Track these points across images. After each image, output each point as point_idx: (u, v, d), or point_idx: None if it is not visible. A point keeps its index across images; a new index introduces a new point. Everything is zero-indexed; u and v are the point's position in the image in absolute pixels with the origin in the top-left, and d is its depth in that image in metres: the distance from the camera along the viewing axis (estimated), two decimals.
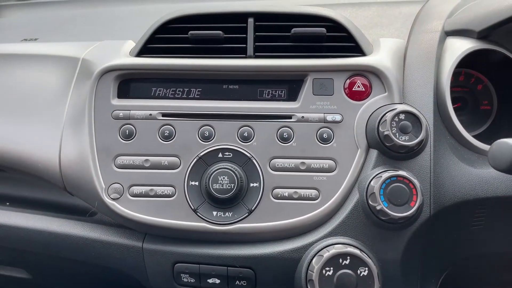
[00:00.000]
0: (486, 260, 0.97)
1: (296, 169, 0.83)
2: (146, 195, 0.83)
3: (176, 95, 0.89)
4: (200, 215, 0.82)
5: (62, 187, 0.90)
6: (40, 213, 0.95)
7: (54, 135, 0.91)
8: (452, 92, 0.92)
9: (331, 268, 0.75)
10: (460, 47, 0.93)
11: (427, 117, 0.86)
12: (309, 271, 0.76)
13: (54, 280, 1.14)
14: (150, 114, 0.87)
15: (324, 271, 0.74)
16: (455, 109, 0.92)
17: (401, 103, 0.86)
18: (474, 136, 0.91)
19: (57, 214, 0.95)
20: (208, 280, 0.84)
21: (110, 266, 0.90)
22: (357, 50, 0.90)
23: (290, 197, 0.82)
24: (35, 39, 1.23)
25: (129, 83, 0.90)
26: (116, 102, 0.88)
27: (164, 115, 0.87)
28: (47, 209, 0.97)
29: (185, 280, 0.85)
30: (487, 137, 0.94)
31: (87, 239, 0.89)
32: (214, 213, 0.82)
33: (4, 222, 0.93)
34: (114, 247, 0.87)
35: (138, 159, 0.85)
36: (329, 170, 0.83)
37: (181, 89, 0.89)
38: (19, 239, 0.92)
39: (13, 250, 0.96)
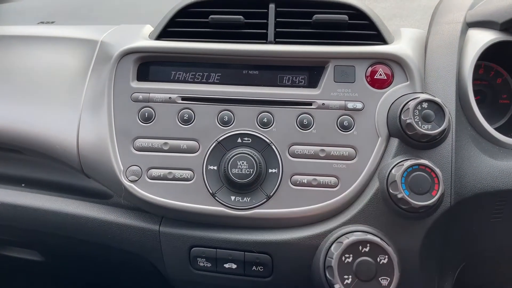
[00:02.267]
0: (504, 254, 0.97)
1: (315, 156, 0.83)
2: (164, 178, 0.83)
3: (195, 79, 0.88)
4: (218, 200, 0.81)
5: (79, 170, 0.90)
6: (56, 194, 0.95)
7: (72, 117, 0.90)
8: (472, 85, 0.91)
9: (351, 255, 0.74)
10: (482, 38, 0.92)
11: (449, 107, 0.85)
12: (327, 258, 0.76)
13: (66, 262, 1.14)
14: (170, 98, 0.86)
15: (343, 258, 0.74)
16: (475, 102, 0.91)
17: (423, 93, 0.85)
18: (495, 129, 0.90)
19: (74, 196, 0.95)
20: (224, 265, 0.83)
21: (125, 249, 0.89)
22: (378, 38, 0.89)
23: (309, 184, 0.82)
24: (52, 22, 1.23)
25: (149, 66, 0.89)
26: (136, 84, 0.88)
27: (183, 98, 0.86)
28: (63, 191, 0.97)
29: (201, 264, 0.84)
30: (506, 131, 0.93)
31: (103, 221, 0.89)
32: (232, 198, 0.82)
33: (20, 203, 0.93)
34: (131, 230, 0.87)
35: (157, 142, 0.84)
36: (349, 158, 0.83)
37: (201, 73, 0.89)
38: (35, 220, 0.92)
39: (27, 231, 0.96)
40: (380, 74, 0.86)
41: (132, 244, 0.87)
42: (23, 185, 0.99)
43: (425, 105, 0.79)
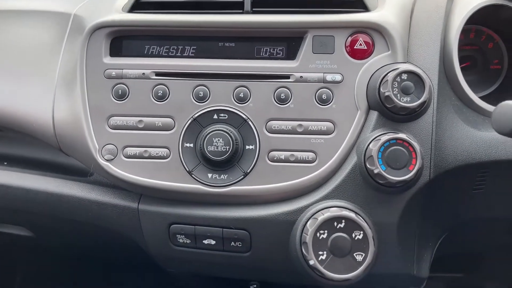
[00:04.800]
0: (485, 225, 0.96)
1: (293, 131, 0.81)
2: (140, 156, 0.82)
3: (170, 53, 0.86)
4: (195, 177, 0.81)
5: (57, 148, 0.89)
6: (38, 173, 0.95)
7: (47, 94, 0.89)
8: (461, 50, 0.88)
9: (326, 231, 0.74)
10: (471, 1, 0.88)
11: (432, 77, 0.82)
12: (303, 234, 0.76)
13: (57, 238, 1.16)
14: (143, 74, 0.84)
15: (318, 234, 0.74)
16: (464, 69, 0.88)
17: (405, 63, 0.82)
18: (483, 98, 0.88)
19: (55, 174, 0.94)
20: (203, 241, 0.84)
21: (108, 227, 0.90)
22: (360, 5, 0.85)
23: (286, 160, 0.81)
24: None
25: (122, 40, 0.86)
26: (108, 60, 0.85)
27: (157, 74, 0.84)
28: (45, 169, 0.96)
29: (181, 241, 0.85)
30: (496, 98, 0.90)
31: (83, 200, 0.89)
32: (209, 175, 0.81)
33: (2, 182, 0.93)
34: (110, 208, 0.87)
35: (132, 120, 0.83)
36: (327, 132, 0.81)
37: (175, 47, 0.86)
38: (17, 198, 0.93)
39: (12, 210, 0.97)
40: (360, 44, 0.82)
41: (112, 222, 0.88)
42: (5, 163, 0.99)
43: (404, 76, 0.76)
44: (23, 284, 1.60)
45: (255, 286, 1.11)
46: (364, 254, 0.73)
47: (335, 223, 0.74)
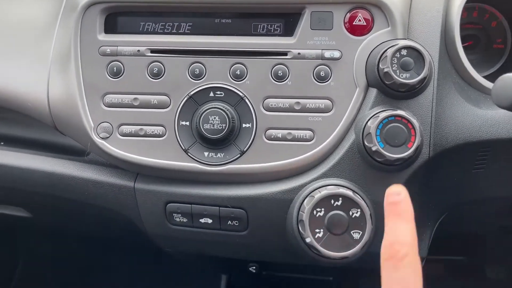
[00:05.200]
0: (485, 205, 0.95)
1: (290, 109, 0.80)
2: (135, 134, 0.81)
3: (165, 30, 0.84)
4: (191, 156, 0.80)
5: (52, 126, 0.88)
6: (34, 152, 0.94)
7: (41, 72, 0.87)
8: (463, 29, 0.86)
9: (322, 209, 0.73)
10: None
11: (432, 54, 0.80)
12: (300, 212, 0.75)
13: (55, 218, 1.16)
14: (138, 51, 0.82)
15: (315, 212, 0.73)
16: (466, 48, 0.87)
17: (405, 39, 0.80)
18: (485, 77, 0.86)
19: (51, 154, 0.94)
20: (200, 220, 0.83)
21: (104, 206, 0.90)
22: None
23: (283, 138, 0.79)
24: None
25: (116, 17, 0.85)
26: (103, 37, 0.84)
27: (152, 51, 0.82)
28: (41, 149, 0.96)
29: (177, 219, 0.84)
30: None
31: (79, 179, 0.88)
32: (206, 153, 0.80)
33: None
34: (106, 187, 0.87)
35: (127, 98, 0.82)
36: (325, 110, 0.80)
37: (171, 24, 0.84)
38: (13, 177, 0.92)
39: (9, 189, 0.97)
40: (360, 20, 0.80)
41: (109, 201, 0.88)
42: (1, 143, 0.98)
43: (404, 52, 0.75)
44: (25, 267, 1.62)
45: (254, 267, 1.11)
46: (361, 232, 0.73)
47: (332, 201, 0.73)
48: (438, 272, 1.47)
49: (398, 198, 0.51)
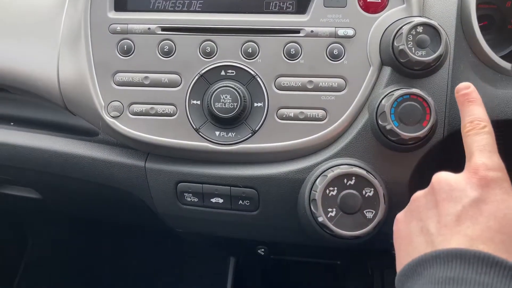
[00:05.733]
0: None
1: (303, 88, 0.79)
2: (146, 113, 0.80)
3: (176, 8, 0.83)
4: (202, 135, 0.79)
5: (63, 106, 0.88)
6: (45, 132, 0.94)
7: (51, 51, 0.87)
8: (478, 9, 0.84)
9: (335, 188, 0.72)
10: None
11: (448, 32, 0.79)
12: (312, 191, 0.74)
13: (65, 199, 1.17)
14: (149, 28, 0.81)
15: (327, 191, 0.72)
16: (481, 28, 0.84)
17: (420, 16, 0.78)
18: (500, 58, 0.84)
19: (62, 134, 0.94)
20: (211, 200, 0.83)
21: (115, 186, 0.90)
22: None
23: (295, 118, 0.79)
24: None
25: None
26: (113, 15, 0.83)
27: (163, 29, 0.81)
28: (52, 129, 0.96)
29: (188, 199, 0.84)
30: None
31: (90, 158, 0.88)
32: (217, 133, 0.79)
33: (7, 141, 0.93)
34: (117, 167, 0.87)
35: (138, 76, 0.81)
36: (338, 89, 0.78)
37: (182, 1, 0.83)
38: (23, 158, 0.92)
39: (19, 169, 0.97)
40: None
41: (119, 181, 0.87)
42: (12, 123, 0.98)
43: (420, 29, 0.73)
44: (34, 249, 1.63)
45: (263, 250, 1.11)
46: (374, 211, 0.72)
47: (345, 180, 0.72)
48: None
49: (468, 90, 0.62)
